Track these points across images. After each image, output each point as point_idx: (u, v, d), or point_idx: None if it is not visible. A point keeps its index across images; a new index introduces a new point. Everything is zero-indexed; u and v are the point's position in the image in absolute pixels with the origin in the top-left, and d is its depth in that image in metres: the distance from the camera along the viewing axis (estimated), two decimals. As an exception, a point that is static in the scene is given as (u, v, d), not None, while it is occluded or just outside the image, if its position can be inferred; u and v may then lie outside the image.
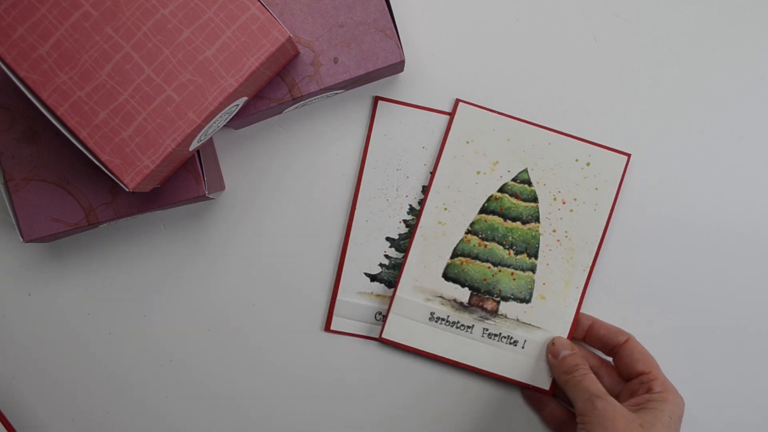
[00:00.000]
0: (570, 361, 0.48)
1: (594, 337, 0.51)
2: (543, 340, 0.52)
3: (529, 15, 0.53)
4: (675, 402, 0.45)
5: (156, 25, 0.41)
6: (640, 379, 0.48)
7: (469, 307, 0.52)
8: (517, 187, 0.52)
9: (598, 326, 0.51)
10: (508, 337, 0.52)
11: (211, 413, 0.54)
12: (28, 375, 0.54)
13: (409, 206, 0.53)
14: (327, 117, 0.53)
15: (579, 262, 0.52)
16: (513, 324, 0.52)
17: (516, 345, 0.52)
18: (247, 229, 0.54)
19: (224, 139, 0.53)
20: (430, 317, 0.52)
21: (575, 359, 0.49)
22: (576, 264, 0.52)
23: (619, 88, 0.53)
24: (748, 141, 0.53)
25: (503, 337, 0.52)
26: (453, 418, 0.54)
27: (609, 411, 0.43)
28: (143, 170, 0.41)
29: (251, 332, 0.54)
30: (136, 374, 0.54)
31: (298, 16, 0.48)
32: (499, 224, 0.52)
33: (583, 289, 0.52)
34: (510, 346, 0.52)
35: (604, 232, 0.52)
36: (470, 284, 0.52)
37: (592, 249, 0.52)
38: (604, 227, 0.52)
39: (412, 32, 0.53)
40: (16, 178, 0.47)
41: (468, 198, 0.52)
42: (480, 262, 0.52)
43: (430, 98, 0.53)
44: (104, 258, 0.54)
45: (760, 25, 0.53)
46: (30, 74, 0.41)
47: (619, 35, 0.53)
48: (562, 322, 0.52)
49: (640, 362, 0.48)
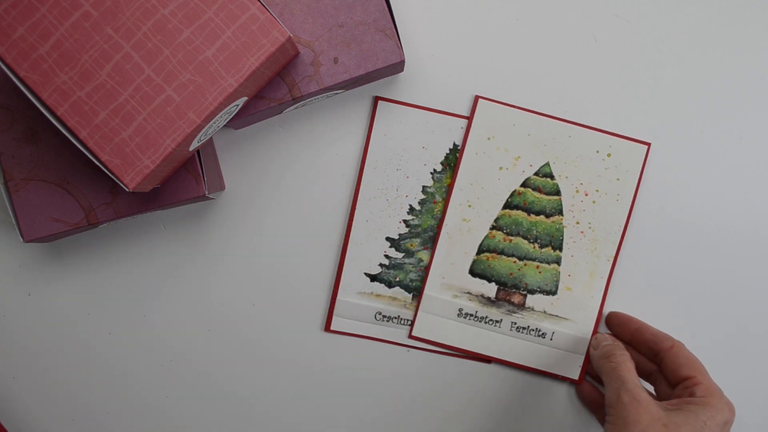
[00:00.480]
0: (608, 349, 0.47)
1: (640, 341, 0.50)
2: (571, 331, 0.53)
3: (529, 15, 0.53)
4: (717, 407, 0.42)
5: (156, 25, 0.41)
6: (685, 384, 0.45)
7: (496, 302, 0.53)
8: (540, 181, 0.53)
9: (644, 330, 0.50)
10: (537, 329, 0.53)
11: (211, 413, 0.54)
12: (28, 375, 0.54)
13: (409, 206, 0.53)
14: (327, 117, 0.53)
15: (603, 253, 0.53)
16: (540, 316, 0.53)
17: (544, 337, 0.53)
18: (247, 229, 0.54)
19: (224, 139, 0.53)
20: (459, 313, 0.53)
21: (613, 348, 0.47)
22: (600, 255, 0.53)
23: (619, 88, 0.53)
24: (748, 141, 0.53)
25: (531, 329, 0.53)
26: (463, 416, 0.54)
27: (633, 405, 0.41)
28: (143, 170, 0.41)
29: (251, 332, 0.54)
30: (136, 374, 0.54)
31: (298, 16, 0.48)
32: (523, 218, 0.53)
33: (607, 279, 0.53)
34: (538, 338, 0.53)
35: (626, 223, 0.52)
36: (497, 279, 0.53)
37: (615, 239, 0.52)
38: (626, 217, 0.52)
39: (412, 32, 0.53)
40: (16, 178, 0.47)
41: (491, 194, 0.53)
42: (506, 257, 0.53)
43: (430, 98, 0.53)
44: (104, 258, 0.54)
45: (760, 25, 0.53)
46: (30, 74, 0.41)
47: (619, 35, 0.53)
48: (588, 312, 0.53)
49: (685, 367, 0.46)
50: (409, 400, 0.54)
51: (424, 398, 0.54)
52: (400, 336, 0.54)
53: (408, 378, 0.54)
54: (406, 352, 0.54)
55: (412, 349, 0.54)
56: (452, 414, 0.54)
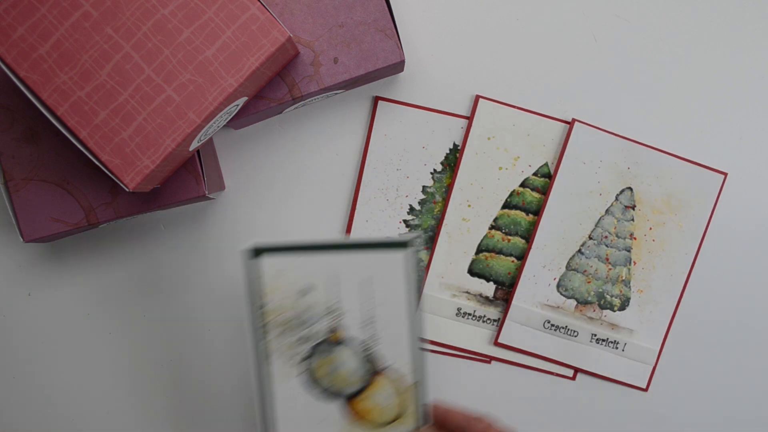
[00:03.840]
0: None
1: (453, 428, 0.43)
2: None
3: (529, 15, 0.53)
4: None
5: (156, 25, 0.41)
6: None
7: (494, 301, 0.53)
8: (538, 181, 0.53)
9: (452, 416, 0.43)
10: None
11: (212, 413, 0.54)
12: (28, 375, 0.54)
13: (409, 206, 0.53)
14: (327, 117, 0.53)
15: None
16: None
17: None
18: (247, 229, 0.54)
19: (224, 139, 0.53)
20: (457, 312, 0.53)
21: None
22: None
23: (619, 88, 0.53)
24: (748, 141, 0.54)
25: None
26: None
27: None
28: (143, 170, 0.41)
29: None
30: (136, 374, 0.54)
31: (298, 16, 0.48)
32: (522, 218, 0.53)
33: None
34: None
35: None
36: (495, 278, 0.53)
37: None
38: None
39: (412, 32, 0.53)
40: (16, 178, 0.47)
41: (491, 194, 0.53)
42: (504, 257, 0.53)
43: (430, 98, 0.53)
44: (104, 258, 0.54)
45: (760, 25, 0.53)
46: (30, 74, 0.41)
47: (619, 35, 0.53)
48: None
49: None
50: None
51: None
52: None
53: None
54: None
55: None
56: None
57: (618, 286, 0.53)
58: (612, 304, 0.53)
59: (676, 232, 0.53)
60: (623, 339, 0.53)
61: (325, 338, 0.42)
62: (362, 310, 0.42)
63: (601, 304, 0.53)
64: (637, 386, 0.54)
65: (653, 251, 0.53)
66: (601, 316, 0.53)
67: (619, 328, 0.53)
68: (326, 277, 0.42)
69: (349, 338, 0.42)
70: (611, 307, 0.53)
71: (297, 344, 0.42)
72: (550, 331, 0.53)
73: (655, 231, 0.53)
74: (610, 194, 0.53)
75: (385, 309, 0.42)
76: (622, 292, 0.53)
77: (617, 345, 0.53)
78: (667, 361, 0.54)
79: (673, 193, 0.53)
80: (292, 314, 0.42)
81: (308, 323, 0.42)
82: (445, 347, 0.54)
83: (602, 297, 0.53)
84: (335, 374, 0.42)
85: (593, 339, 0.53)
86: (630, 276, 0.53)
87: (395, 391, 0.43)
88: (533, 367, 0.54)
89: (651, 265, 0.53)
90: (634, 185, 0.52)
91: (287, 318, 0.42)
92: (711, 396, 0.55)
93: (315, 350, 0.42)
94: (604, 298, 0.53)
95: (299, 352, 0.42)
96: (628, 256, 0.53)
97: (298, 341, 0.42)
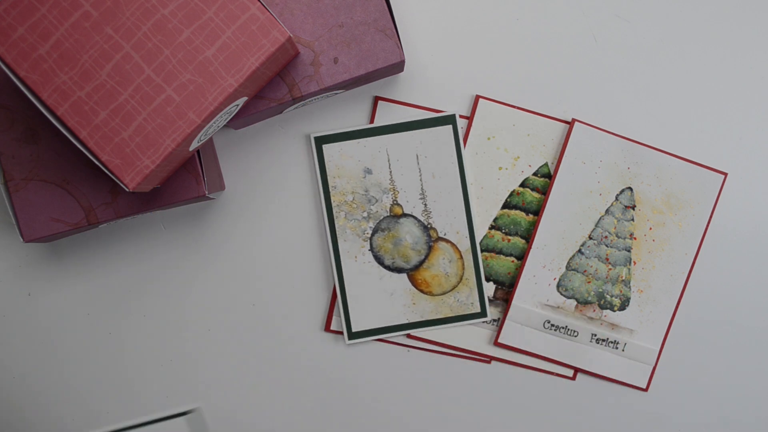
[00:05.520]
0: None
1: None
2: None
3: (529, 15, 0.53)
4: None
5: (156, 25, 0.41)
6: None
7: (494, 301, 0.53)
8: (538, 181, 0.53)
9: None
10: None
11: (211, 413, 0.54)
12: (29, 375, 0.54)
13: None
14: (327, 117, 0.53)
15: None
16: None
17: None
18: (247, 229, 0.54)
19: (224, 139, 0.53)
20: None
21: None
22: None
23: (619, 88, 0.53)
24: (748, 141, 0.53)
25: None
26: (460, 408, 0.54)
27: None
28: (143, 170, 0.41)
29: (251, 332, 0.54)
30: (136, 374, 0.54)
31: (298, 16, 0.48)
32: (522, 218, 0.53)
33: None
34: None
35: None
36: (495, 278, 0.53)
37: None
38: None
39: (412, 32, 0.53)
40: (16, 178, 0.47)
41: (491, 194, 0.53)
42: (504, 257, 0.53)
43: (430, 98, 0.53)
44: (104, 258, 0.54)
45: (760, 25, 0.53)
46: (30, 74, 0.41)
47: (619, 35, 0.53)
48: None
49: None
50: (411, 400, 0.54)
51: (424, 398, 0.54)
52: (399, 336, 0.54)
53: (409, 376, 0.54)
54: (407, 352, 0.54)
55: (411, 349, 0.54)
56: (446, 412, 0.54)
57: (618, 286, 0.53)
58: (612, 304, 0.53)
59: (676, 232, 0.53)
60: (623, 339, 0.53)
61: (386, 215, 0.46)
62: (417, 184, 0.46)
63: (601, 304, 0.53)
64: (637, 386, 0.54)
65: (653, 251, 0.53)
66: (601, 316, 0.53)
67: (619, 328, 0.53)
68: (383, 157, 0.45)
69: (407, 212, 0.46)
70: (611, 307, 0.53)
71: (363, 222, 0.45)
72: (550, 331, 0.53)
73: (655, 231, 0.53)
74: (610, 194, 0.53)
75: (437, 182, 0.47)
76: (622, 292, 0.53)
77: (617, 345, 0.53)
78: (667, 361, 0.54)
79: (673, 193, 0.53)
80: (356, 195, 0.45)
81: (371, 202, 0.45)
82: (445, 347, 0.54)
83: (602, 297, 0.53)
84: (399, 247, 0.46)
85: (593, 339, 0.53)
86: (630, 276, 0.53)
87: (452, 258, 0.49)
88: (533, 367, 0.54)
89: (651, 265, 0.53)
90: (634, 185, 0.52)
91: (353, 198, 0.45)
92: (711, 396, 0.55)
93: (379, 226, 0.46)
94: (604, 298, 0.53)
95: (366, 230, 0.46)
96: (628, 256, 0.53)
97: (364, 219, 0.45)
